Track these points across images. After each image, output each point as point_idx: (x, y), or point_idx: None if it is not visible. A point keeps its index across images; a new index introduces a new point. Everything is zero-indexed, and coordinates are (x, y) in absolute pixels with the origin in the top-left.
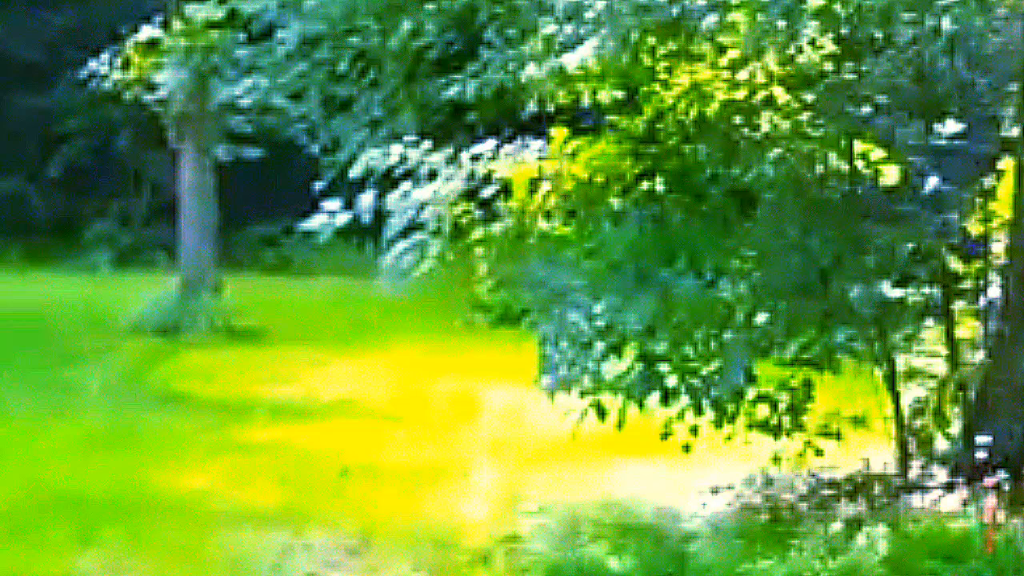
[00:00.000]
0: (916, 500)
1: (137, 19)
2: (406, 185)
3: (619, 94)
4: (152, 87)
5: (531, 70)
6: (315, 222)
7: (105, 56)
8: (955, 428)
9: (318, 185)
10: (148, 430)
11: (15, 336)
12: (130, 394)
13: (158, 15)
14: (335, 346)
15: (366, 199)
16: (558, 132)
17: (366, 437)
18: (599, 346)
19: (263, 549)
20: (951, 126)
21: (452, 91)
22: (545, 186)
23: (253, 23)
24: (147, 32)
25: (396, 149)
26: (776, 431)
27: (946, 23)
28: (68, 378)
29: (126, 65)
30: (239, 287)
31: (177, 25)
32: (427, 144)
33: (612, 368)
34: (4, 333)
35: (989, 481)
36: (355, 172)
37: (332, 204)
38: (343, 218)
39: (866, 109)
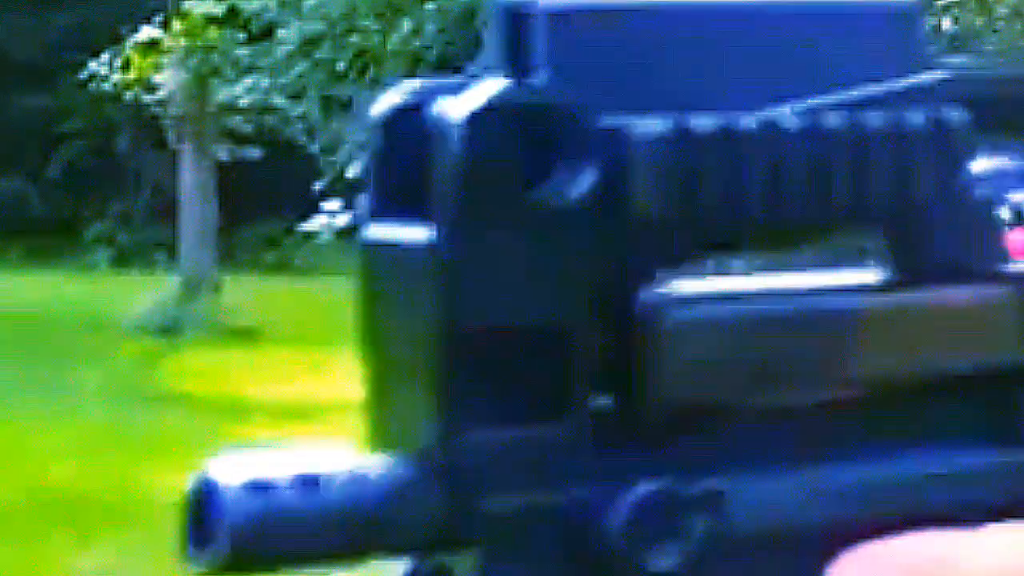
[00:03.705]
0: None
1: (137, 19)
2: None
3: None
4: (152, 87)
5: None
6: (315, 223)
7: (105, 56)
8: None
9: (318, 185)
10: (148, 430)
11: (14, 336)
12: (130, 394)
13: (158, 15)
14: (336, 346)
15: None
16: None
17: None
18: None
19: None
20: None
21: None
22: None
23: (253, 22)
24: (147, 32)
25: None
26: None
27: (946, 23)
28: (67, 378)
29: (126, 65)
30: (239, 287)
31: (177, 25)
32: None
33: None
34: (3, 332)
35: None
36: (354, 171)
37: (332, 205)
38: (343, 219)
39: None
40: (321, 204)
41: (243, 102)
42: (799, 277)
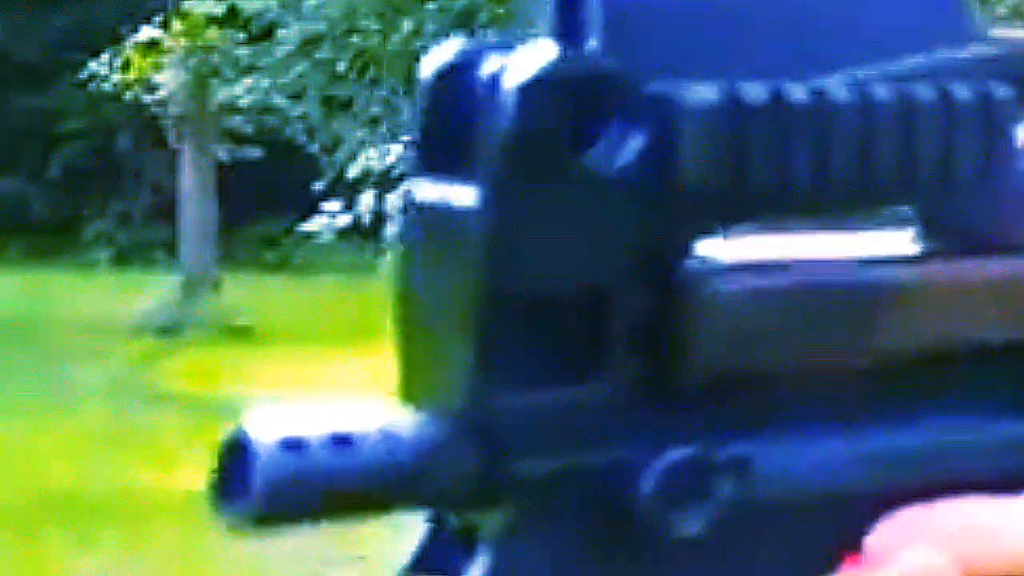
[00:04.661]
0: None
1: (137, 19)
2: (405, 185)
3: None
4: (152, 87)
5: None
6: (316, 223)
7: (105, 56)
8: None
9: (318, 185)
10: (148, 429)
11: (14, 335)
12: (130, 393)
13: (158, 15)
14: (336, 345)
15: (366, 200)
16: None
17: None
18: None
19: (263, 549)
20: None
21: None
22: None
23: (253, 22)
24: (147, 32)
25: (396, 148)
26: None
27: None
28: (67, 377)
29: (126, 66)
30: (240, 287)
31: (177, 25)
32: None
33: None
34: (3, 332)
35: None
36: (353, 172)
37: (332, 205)
38: (344, 219)
39: None
40: (321, 204)
41: (243, 102)
42: (838, 242)
